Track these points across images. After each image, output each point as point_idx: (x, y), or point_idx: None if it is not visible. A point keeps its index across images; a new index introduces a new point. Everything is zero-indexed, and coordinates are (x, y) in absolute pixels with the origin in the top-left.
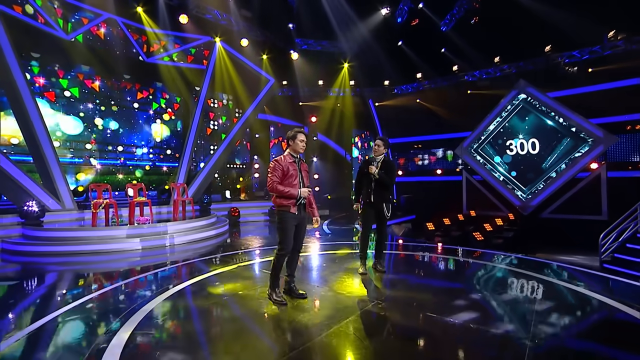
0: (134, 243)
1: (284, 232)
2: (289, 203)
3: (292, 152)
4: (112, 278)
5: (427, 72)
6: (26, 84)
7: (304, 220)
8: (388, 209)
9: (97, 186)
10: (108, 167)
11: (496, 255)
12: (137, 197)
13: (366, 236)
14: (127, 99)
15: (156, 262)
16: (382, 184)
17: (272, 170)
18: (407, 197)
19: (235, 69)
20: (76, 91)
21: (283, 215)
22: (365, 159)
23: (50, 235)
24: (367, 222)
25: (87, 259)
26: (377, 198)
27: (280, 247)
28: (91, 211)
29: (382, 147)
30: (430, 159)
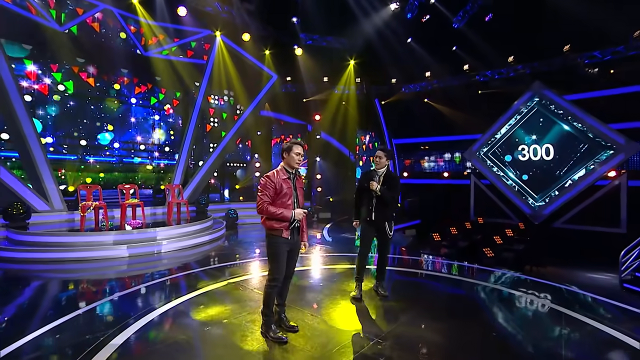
0: (121, 250)
1: (276, 260)
2: (280, 226)
3: (286, 167)
4: (85, 297)
5: (437, 71)
6: (12, 78)
7: (297, 244)
8: (390, 228)
9: (86, 187)
10: (103, 164)
11: (508, 276)
12: (129, 199)
13: (364, 257)
14: (124, 93)
15: (141, 274)
16: (384, 201)
17: (263, 187)
18: (411, 201)
19: (236, 65)
20: (70, 85)
21: (274, 241)
22: (365, 173)
23: (32, 240)
24: (366, 242)
25: (68, 268)
26: (378, 216)
27: (272, 278)
28: (80, 214)
29: (384, 159)
30: (437, 161)
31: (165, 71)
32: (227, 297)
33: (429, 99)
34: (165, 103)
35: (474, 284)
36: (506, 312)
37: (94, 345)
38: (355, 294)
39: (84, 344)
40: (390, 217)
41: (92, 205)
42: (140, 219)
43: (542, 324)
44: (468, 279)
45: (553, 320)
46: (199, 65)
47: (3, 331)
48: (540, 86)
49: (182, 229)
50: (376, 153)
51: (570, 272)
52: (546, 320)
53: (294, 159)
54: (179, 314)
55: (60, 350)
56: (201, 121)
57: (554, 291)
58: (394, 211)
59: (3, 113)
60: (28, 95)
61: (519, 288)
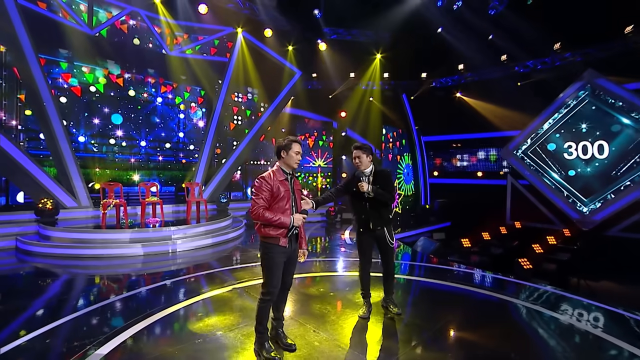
0: (136, 249)
1: (270, 271)
2: (277, 234)
3: (283, 167)
4: (86, 298)
5: (471, 63)
6: (44, 80)
7: (295, 253)
8: (391, 236)
9: (108, 184)
10: (130, 162)
11: (550, 293)
12: (149, 197)
13: (366, 270)
14: (151, 93)
15: (151, 273)
16: (379, 203)
17: (258, 190)
18: (441, 202)
19: (259, 62)
20: (101, 87)
21: (269, 250)
22: (351, 176)
23: (55, 235)
24: (366, 254)
25: (84, 264)
26: (375, 222)
27: (266, 291)
28: (100, 211)
29: (365, 156)
30: (471, 160)
31: (189, 70)
32: (230, 304)
33: (462, 93)
34: (190, 101)
35: (506, 301)
36: (544, 341)
37: (77, 355)
38: (363, 312)
39: (69, 352)
40: (388, 221)
41: (113, 203)
42: (160, 217)
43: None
44: (500, 295)
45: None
46: (222, 63)
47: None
48: (594, 74)
49: (198, 228)
50: (353, 154)
51: (628, 291)
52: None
53: (292, 158)
54: (174, 321)
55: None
56: (224, 119)
57: (610, 317)
58: (391, 213)
59: (35, 114)
60: (63, 97)
61: (563, 309)
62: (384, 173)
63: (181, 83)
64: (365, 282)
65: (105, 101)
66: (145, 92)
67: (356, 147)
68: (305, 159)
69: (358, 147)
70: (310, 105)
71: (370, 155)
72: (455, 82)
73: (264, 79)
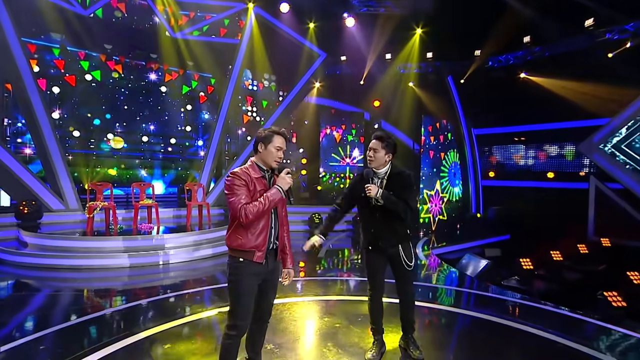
0: (122, 259)
1: (238, 298)
2: (252, 246)
3: (259, 163)
4: (47, 319)
5: (541, 33)
6: (29, 68)
7: (274, 273)
8: (409, 255)
9: (96, 185)
10: (131, 159)
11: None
12: (143, 199)
13: (377, 299)
14: (153, 81)
15: (132, 289)
16: (391, 214)
17: (231, 188)
18: (498, 210)
19: (275, 43)
20: (98, 74)
21: (238, 269)
22: (358, 175)
23: (31, 242)
24: (376, 277)
25: (61, 276)
26: (386, 238)
27: (231, 325)
28: (86, 215)
29: (382, 152)
30: (539, 157)
31: (197, 54)
32: (206, 333)
33: (528, 73)
34: (198, 91)
35: (584, 355)
36: None
37: None
38: (371, 355)
39: None
40: (405, 238)
41: (100, 206)
42: (153, 223)
43: None
44: (574, 344)
45: None
46: (233, 46)
47: None
48: None
49: (196, 236)
50: (370, 144)
51: None
52: None
53: (271, 154)
54: (134, 353)
55: None
56: (236, 111)
57: None
58: (409, 228)
59: (20, 104)
60: (56, 87)
61: None
62: (401, 176)
63: (188, 70)
64: (376, 313)
65: (102, 91)
66: (148, 80)
67: (376, 137)
68: (331, 157)
69: (378, 137)
70: (337, 94)
71: (390, 154)
72: (520, 59)
73: (282, 64)
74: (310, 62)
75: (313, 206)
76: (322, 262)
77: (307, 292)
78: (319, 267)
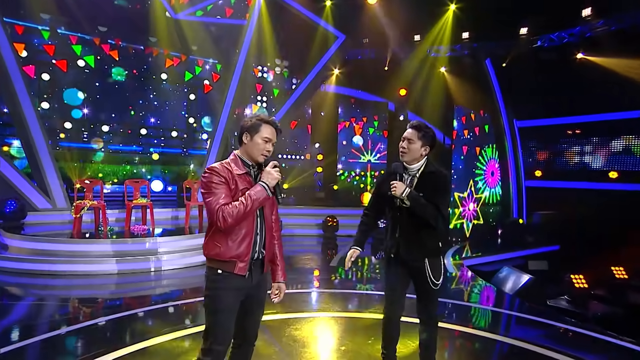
0: (109, 265)
1: (216, 317)
2: (233, 255)
3: (243, 157)
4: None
5: (607, 3)
6: (12, 53)
7: (260, 287)
8: (437, 271)
9: (84, 182)
10: (128, 154)
11: None
12: (137, 198)
13: (391, 321)
14: (153, 67)
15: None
16: (420, 220)
17: (207, 185)
18: (545, 215)
19: (288, 23)
20: (91, 60)
21: (217, 283)
22: (386, 172)
23: (11, 244)
24: (394, 292)
25: (40, 283)
26: (411, 247)
27: (207, 349)
28: (72, 215)
29: (418, 143)
30: (598, 154)
31: (201, 37)
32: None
33: (586, 52)
34: (203, 78)
35: None
36: None
37: None
38: None
39: None
40: (434, 251)
41: (88, 205)
42: (148, 225)
43: None
44: None
45: None
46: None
47: None
48: None
49: (193, 240)
50: (405, 133)
51: None
52: None
53: (258, 146)
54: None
55: None
56: (244, 100)
57: None
58: (442, 239)
59: (4, 94)
60: (45, 74)
61: None
62: (436, 176)
63: (191, 55)
64: (389, 336)
65: (96, 78)
66: (147, 66)
67: (412, 126)
68: (350, 153)
69: (415, 126)
70: (357, 81)
71: (427, 147)
72: (576, 36)
73: (296, 48)
74: (326, 46)
75: (329, 208)
76: (338, 272)
77: (307, 307)
78: (334, 277)
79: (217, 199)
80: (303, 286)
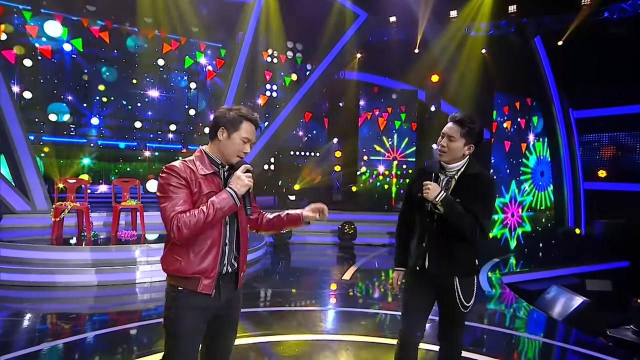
0: (88, 275)
1: (175, 342)
2: (194, 272)
3: (213, 155)
4: None
5: None
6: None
7: (231, 306)
8: (469, 293)
9: (68, 181)
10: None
11: None
12: (126, 200)
13: (409, 346)
14: (148, 52)
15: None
16: (454, 230)
17: (164, 188)
18: (609, 224)
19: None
20: (79, 44)
21: (177, 302)
22: (419, 170)
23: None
24: (411, 315)
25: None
26: (438, 261)
27: None
28: (52, 219)
29: (461, 141)
30: None
31: (202, 17)
32: None
33: None
34: (205, 64)
35: None
36: None
37: None
38: None
39: None
40: (469, 268)
41: (69, 207)
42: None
43: None
44: None
45: None
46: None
47: None
48: None
49: None
50: (445, 128)
51: None
52: None
53: (234, 145)
54: None
55: None
56: (251, 89)
57: None
58: (476, 253)
59: None
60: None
61: None
62: (478, 180)
63: (192, 38)
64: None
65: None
66: (141, 51)
67: (455, 120)
68: (372, 150)
69: (458, 120)
70: (382, 66)
71: (471, 145)
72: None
73: (310, 28)
74: (346, 26)
75: (346, 212)
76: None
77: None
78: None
79: (173, 205)
80: (315, 303)
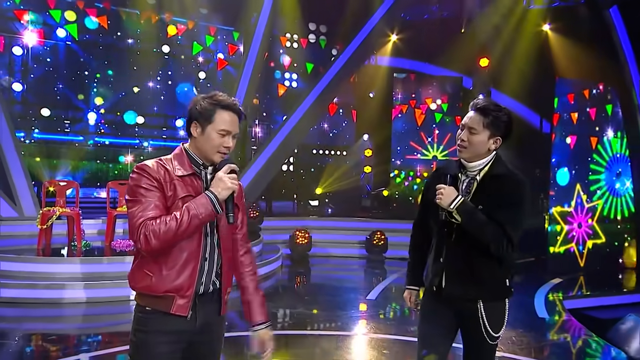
0: (76, 291)
1: None
2: (166, 290)
3: (192, 153)
4: None
5: None
6: None
7: (210, 331)
8: (497, 320)
9: (57, 184)
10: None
11: None
12: (123, 205)
13: None
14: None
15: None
16: (476, 243)
17: (133, 188)
18: None
19: None
20: (74, 30)
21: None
22: (434, 171)
23: None
24: (429, 344)
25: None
26: (458, 280)
27: None
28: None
29: (484, 133)
30: None
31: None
32: None
33: None
34: (215, 51)
35: None
36: None
37: None
38: None
39: None
40: (496, 289)
41: (57, 214)
42: None
43: None
44: None
45: None
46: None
47: None
48: None
49: None
50: (465, 118)
51: None
52: None
53: (212, 141)
54: None
55: None
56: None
57: None
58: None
59: None
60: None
61: None
62: (506, 180)
63: (201, 21)
64: None
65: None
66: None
67: (476, 107)
68: (409, 148)
69: (480, 108)
70: (421, 50)
71: (497, 138)
72: None
73: (335, 7)
74: (377, 2)
75: (377, 220)
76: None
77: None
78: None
79: (142, 210)
80: (335, 326)
